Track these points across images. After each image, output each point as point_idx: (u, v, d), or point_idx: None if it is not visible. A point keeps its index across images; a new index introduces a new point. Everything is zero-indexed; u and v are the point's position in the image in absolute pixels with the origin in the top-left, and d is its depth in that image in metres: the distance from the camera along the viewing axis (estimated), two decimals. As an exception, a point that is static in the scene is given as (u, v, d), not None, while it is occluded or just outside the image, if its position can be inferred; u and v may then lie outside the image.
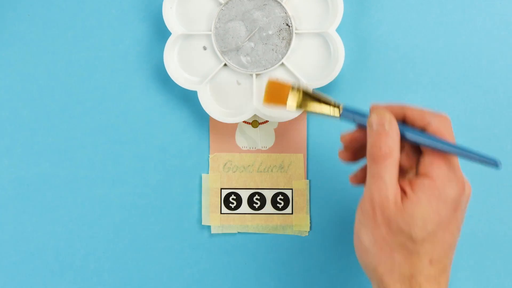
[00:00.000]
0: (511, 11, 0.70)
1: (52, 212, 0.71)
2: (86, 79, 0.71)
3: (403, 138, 0.58)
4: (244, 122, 0.71)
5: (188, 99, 0.71)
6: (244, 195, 0.71)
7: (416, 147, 0.60)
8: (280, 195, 0.71)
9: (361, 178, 0.62)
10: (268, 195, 0.71)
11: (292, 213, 0.71)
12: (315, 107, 0.60)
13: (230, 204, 0.71)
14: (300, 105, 0.60)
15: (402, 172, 0.60)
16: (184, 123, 0.71)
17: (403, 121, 0.59)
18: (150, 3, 0.71)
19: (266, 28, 0.69)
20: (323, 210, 0.71)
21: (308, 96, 0.60)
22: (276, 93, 0.61)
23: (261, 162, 0.71)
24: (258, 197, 0.71)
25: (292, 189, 0.71)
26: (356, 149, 0.62)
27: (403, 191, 0.57)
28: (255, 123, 0.71)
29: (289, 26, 0.68)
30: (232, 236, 0.71)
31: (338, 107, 0.60)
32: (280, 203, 0.71)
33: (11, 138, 0.72)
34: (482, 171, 0.70)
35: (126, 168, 0.71)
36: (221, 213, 0.71)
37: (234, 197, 0.71)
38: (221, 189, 0.71)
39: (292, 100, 0.60)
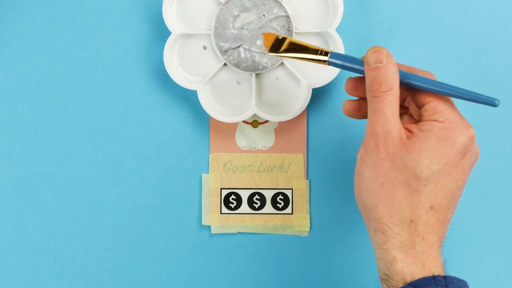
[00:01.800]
0: (511, 11, 0.70)
1: (52, 212, 0.71)
2: (86, 79, 0.71)
3: (405, 84, 0.58)
4: (244, 122, 0.71)
5: (188, 99, 0.71)
6: (244, 195, 0.71)
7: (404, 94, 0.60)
8: (280, 195, 0.71)
9: (354, 108, 0.61)
10: (268, 195, 0.71)
11: (292, 213, 0.71)
12: (302, 53, 0.61)
13: (230, 204, 0.71)
14: (285, 50, 0.61)
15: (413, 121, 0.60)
16: (184, 123, 0.71)
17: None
18: (150, 3, 0.71)
19: (266, 28, 0.69)
20: (323, 210, 0.71)
21: (295, 44, 0.61)
22: (269, 42, 0.63)
23: (261, 162, 0.71)
24: (258, 197, 0.71)
25: (292, 189, 0.71)
26: (361, 102, 0.61)
27: (409, 131, 0.56)
28: (255, 123, 0.71)
29: (289, 26, 0.68)
30: (232, 236, 0.71)
31: (326, 53, 0.60)
32: (280, 203, 0.71)
33: (11, 138, 0.72)
34: (482, 171, 0.70)
35: (126, 168, 0.71)
36: (221, 213, 0.71)
37: (234, 197, 0.71)
38: (221, 189, 0.71)
39: (276, 46, 0.62)
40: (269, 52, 0.63)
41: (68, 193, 0.71)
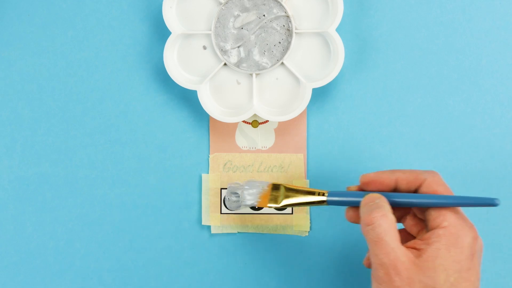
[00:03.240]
0: (511, 11, 0.70)
1: (52, 212, 0.71)
2: (86, 79, 0.71)
3: (399, 205, 0.60)
4: (244, 122, 0.71)
5: (188, 99, 0.71)
6: (244, 195, 0.71)
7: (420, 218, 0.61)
8: (280, 195, 0.71)
9: (357, 215, 0.62)
10: (268, 195, 0.71)
11: (292, 213, 0.71)
12: (300, 198, 0.64)
13: (230, 204, 0.71)
14: (276, 200, 0.65)
15: (410, 238, 0.61)
16: (184, 123, 0.71)
17: (395, 187, 0.60)
18: (150, 3, 0.71)
19: (266, 27, 0.69)
20: (323, 210, 0.71)
21: (291, 191, 0.64)
22: (265, 198, 0.66)
23: (261, 162, 0.71)
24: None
25: (292, 189, 0.71)
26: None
27: (416, 249, 0.57)
28: (255, 123, 0.71)
29: (289, 26, 0.68)
30: (232, 236, 0.71)
31: (324, 194, 0.63)
32: (280, 203, 0.71)
33: (11, 138, 0.72)
34: (482, 171, 0.70)
35: (126, 168, 0.71)
36: (221, 213, 0.71)
37: (234, 197, 0.71)
38: (221, 189, 0.71)
39: (274, 199, 0.65)
40: (268, 204, 0.65)
41: (68, 193, 0.71)
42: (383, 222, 0.57)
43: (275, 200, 0.65)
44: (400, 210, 0.62)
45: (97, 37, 0.71)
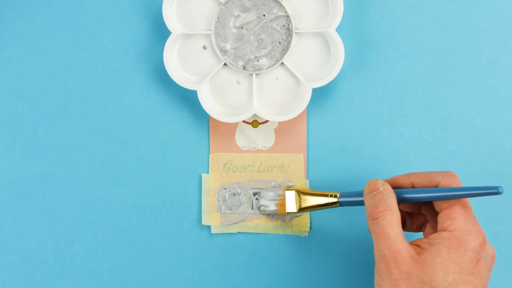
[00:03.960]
0: (511, 11, 0.70)
1: (52, 212, 0.71)
2: (86, 79, 0.71)
3: (408, 201, 0.60)
4: (244, 122, 0.71)
5: (188, 99, 0.71)
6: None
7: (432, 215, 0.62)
8: (280, 195, 0.71)
9: None
10: (268, 195, 0.71)
11: (292, 213, 0.71)
12: (314, 201, 0.67)
13: (230, 204, 0.71)
14: (300, 205, 0.68)
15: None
16: (184, 123, 0.71)
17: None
18: (150, 3, 0.71)
19: (266, 27, 0.69)
20: (323, 210, 0.71)
21: (304, 194, 0.67)
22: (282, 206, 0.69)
23: (261, 162, 0.71)
24: (258, 197, 0.71)
25: (292, 189, 0.71)
26: None
27: (419, 247, 0.58)
28: (255, 123, 0.71)
29: (289, 26, 0.68)
30: (232, 236, 0.71)
31: (336, 195, 0.65)
32: (280, 203, 0.71)
33: (11, 138, 0.72)
34: (482, 171, 0.70)
35: (126, 168, 0.71)
36: (221, 213, 0.71)
37: (234, 197, 0.71)
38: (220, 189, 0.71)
39: (292, 204, 0.68)
40: (287, 212, 0.68)
41: (68, 193, 0.71)
42: (388, 216, 0.58)
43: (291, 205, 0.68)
44: (419, 218, 0.64)
45: (97, 37, 0.71)
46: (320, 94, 0.71)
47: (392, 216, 0.58)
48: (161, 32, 0.71)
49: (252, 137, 0.71)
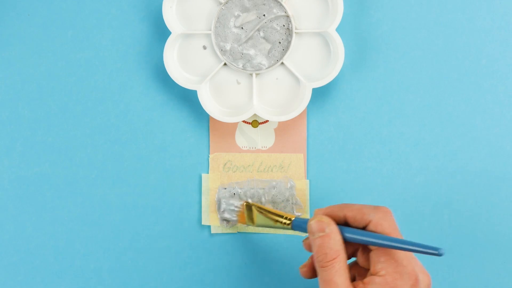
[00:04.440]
0: (511, 11, 0.70)
1: (52, 212, 0.71)
2: (86, 79, 0.71)
3: (345, 240, 0.59)
4: (244, 122, 0.71)
5: (188, 99, 0.71)
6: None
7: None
8: (280, 195, 0.71)
9: (309, 269, 0.63)
10: (268, 195, 0.71)
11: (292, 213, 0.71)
12: (267, 220, 0.66)
13: (230, 204, 0.71)
14: (252, 220, 0.68)
15: (363, 272, 0.61)
16: (184, 123, 0.71)
17: (345, 222, 0.60)
18: (150, 2, 0.71)
19: (266, 27, 0.69)
20: (323, 210, 0.71)
21: (259, 211, 0.67)
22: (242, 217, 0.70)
23: (261, 162, 0.71)
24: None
25: (292, 189, 0.71)
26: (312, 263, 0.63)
27: None
28: (255, 123, 0.71)
29: (289, 26, 0.68)
30: (232, 236, 0.71)
31: (290, 219, 0.64)
32: (280, 203, 0.71)
33: (11, 138, 0.72)
34: (482, 171, 0.70)
35: (126, 168, 0.71)
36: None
37: (234, 197, 0.71)
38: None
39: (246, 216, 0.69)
40: (246, 223, 0.69)
41: (68, 193, 0.71)
42: (336, 264, 0.58)
43: (251, 220, 0.68)
44: (353, 246, 0.62)
45: (97, 37, 0.71)
46: (320, 94, 0.71)
47: (340, 263, 0.58)
48: (161, 32, 0.71)
49: (252, 137, 0.71)
